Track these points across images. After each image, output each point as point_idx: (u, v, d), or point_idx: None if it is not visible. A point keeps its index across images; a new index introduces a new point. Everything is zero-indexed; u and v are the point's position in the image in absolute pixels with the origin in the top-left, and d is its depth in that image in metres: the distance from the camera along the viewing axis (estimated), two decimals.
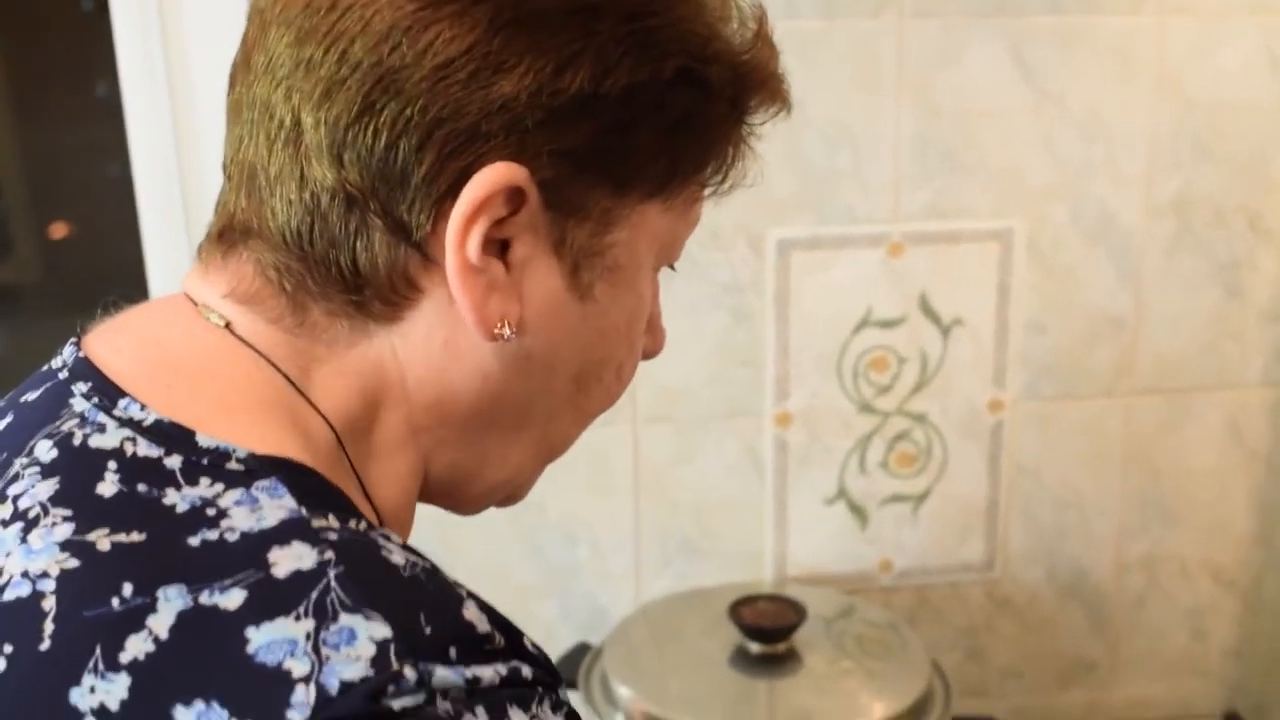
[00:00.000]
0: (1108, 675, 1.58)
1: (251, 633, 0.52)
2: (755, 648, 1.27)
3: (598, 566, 1.45)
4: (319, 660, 0.52)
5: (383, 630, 0.53)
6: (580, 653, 1.33)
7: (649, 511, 1.44)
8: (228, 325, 0.62)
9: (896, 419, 1.45)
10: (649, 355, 0.74)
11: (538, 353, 0.66)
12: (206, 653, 0.53)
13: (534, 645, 0.59)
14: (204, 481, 0.58)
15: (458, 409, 0.65)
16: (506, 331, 0.63)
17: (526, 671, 0.57)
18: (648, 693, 1.24)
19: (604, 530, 1.44)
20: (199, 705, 0.51)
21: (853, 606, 1.39)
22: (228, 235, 0.63)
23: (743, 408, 1.42)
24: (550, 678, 0.59)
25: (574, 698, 1.24)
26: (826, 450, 1.45)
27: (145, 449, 0.59)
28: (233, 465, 0.58)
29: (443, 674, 0.53)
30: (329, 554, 0.55)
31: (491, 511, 1.43)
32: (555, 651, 1.35)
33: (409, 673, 0.52)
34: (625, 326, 0.70)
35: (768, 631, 1.27)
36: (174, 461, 0.58)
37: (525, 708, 0.56)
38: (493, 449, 0.69)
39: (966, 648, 1.53)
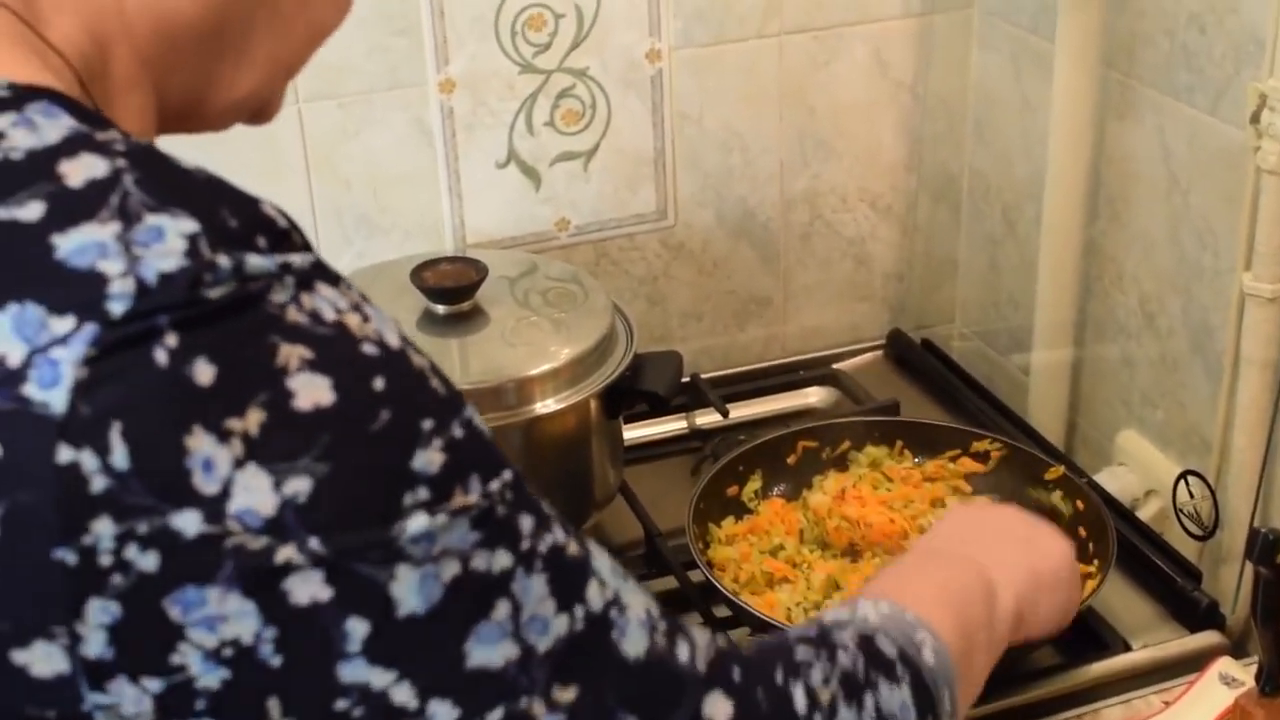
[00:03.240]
0: (781, 309, 1.66)
1: (57, 239, 0.53)
2: (441, 309, 1.30)
3: None
4: (132, 259, 0.53)
5: (190, 225, 0.54)
6: None
7: (323, 192, 1.44)
8: None
9: (558, 76, 1.46)
10: None
11: None
12: (12, 262, 0.53)
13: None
14: None
15: (180, 32, 0.65)
16: None
17: (333, 267, 0.60)
18: None
19: None
20: (13, 308, 0.52)
21: (534, 264, 1.42)
22: None
23: (404, 78, 1.42)
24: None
25: None
26: (493, 114, 1.46)
27: None
28: None
29: (255, 261, 0.55)
30: (121, 161, 0.55)
31: None
32: None
33: (223, 261, 0.54)
34: None
35: (451, 291, 1.29)
36: None
37: (336, 285, 0.58)
38: (224, 71, 0.69)
39: (647, 296, 1.59)
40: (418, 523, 0.55)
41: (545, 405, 1.24)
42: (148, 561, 0.52)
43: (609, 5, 1.44)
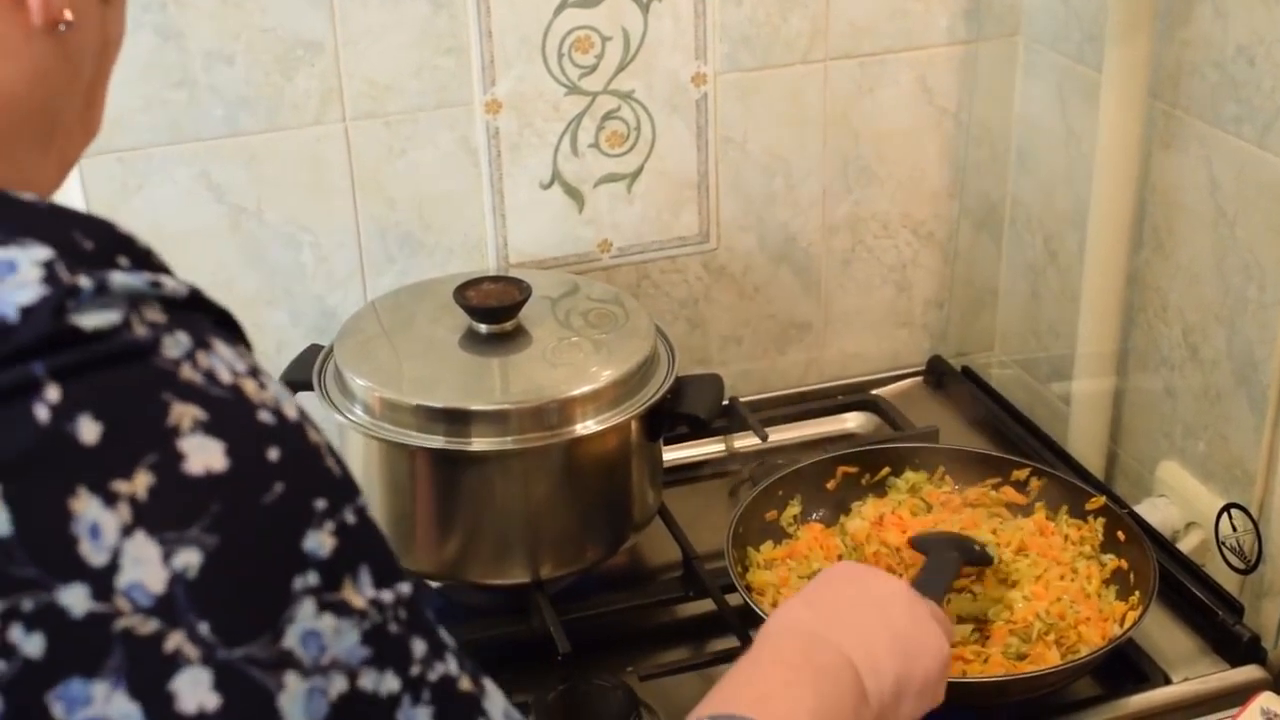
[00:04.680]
0: (821, 334, 1.66)
1: None
2: (484, 328, 1.30)
3: (322, 269, 1.45)
4: None
5: (43, 252, 0.51)
6: (313, 354, 1.34)
7: (368, 210, 1.44)
8: None
9: (604, 99, 1.47)
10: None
11: (76, 52, 0.62)
12: None
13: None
14: None
15: (4, 115, 0.61)
16: (69, 17, 0.60)
17: (211, 300, 0.56)
18: (383, 380, 1.26)
19: (325, 233, 1.44)
20: None
21: (576, 285, 1.42)
22: None
23: (451, 97, 1.42)
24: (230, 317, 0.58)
25: (310, 398, 1.26)
26: (538, 135, 1.46)
27: None
28: None
29: (120, 279, 0.51)
30: None
31: (209, 220, 1.41)
32: (289, 356, 1.35)
33: (84, 282, 0.51)
34: (116, 41, 0.67)
35: (494, 310, 1.29)
36: None
37: (232, 343, 0.55)
38: (32, 166, 0.64)
39: (688, 319, 1.59)
40: (306, 612, 0.52)
41: (586, 426, 1.24)
42: (33, 645, 0.48)
43: (656, 29, 1.45)
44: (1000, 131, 1.61)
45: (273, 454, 0.53)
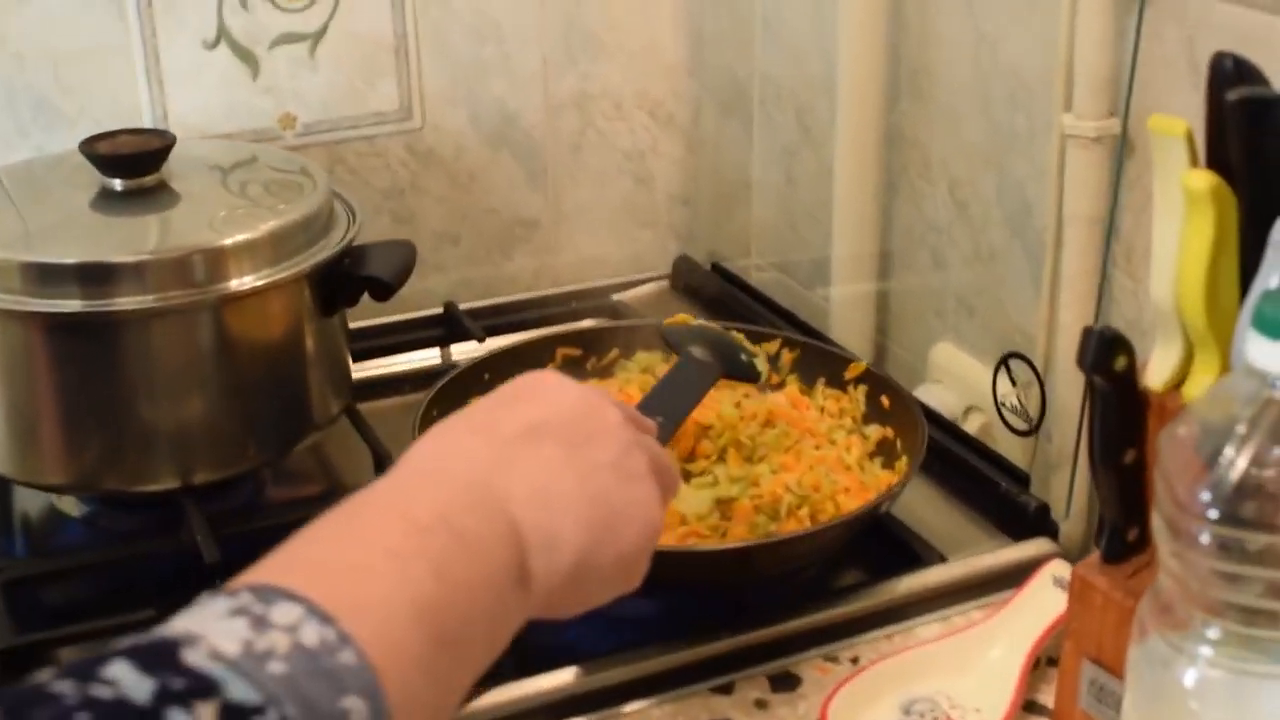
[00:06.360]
0: (553, 234, 1.46)
1: None
2: (119, 184, 1.07)
3: None
4: None
5: None
6: None
7: None
8: None
9: None
10: None
11: None
12: None
13: None
14: None
15: None
16: None
17: None
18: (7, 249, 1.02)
19: None
20: None
21: (255, 155, 1.20)
22: None
23: None
24: None
25: None
26: None
27: None
28: None
29: None
30: None
31: None
32: None
33: None
34: None
35: (128, 160, 1.06)
36: None
37: None
38: None
39: (392, 212, 1.38)
40: None
41: (242, 282, 1.02)
42: None
43: None
44: None
45: None
